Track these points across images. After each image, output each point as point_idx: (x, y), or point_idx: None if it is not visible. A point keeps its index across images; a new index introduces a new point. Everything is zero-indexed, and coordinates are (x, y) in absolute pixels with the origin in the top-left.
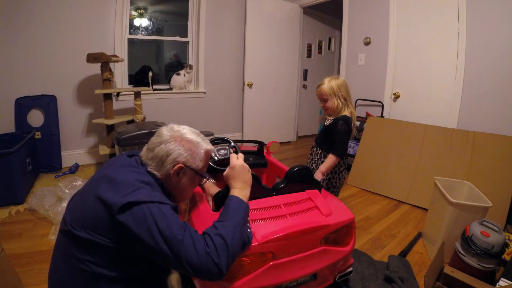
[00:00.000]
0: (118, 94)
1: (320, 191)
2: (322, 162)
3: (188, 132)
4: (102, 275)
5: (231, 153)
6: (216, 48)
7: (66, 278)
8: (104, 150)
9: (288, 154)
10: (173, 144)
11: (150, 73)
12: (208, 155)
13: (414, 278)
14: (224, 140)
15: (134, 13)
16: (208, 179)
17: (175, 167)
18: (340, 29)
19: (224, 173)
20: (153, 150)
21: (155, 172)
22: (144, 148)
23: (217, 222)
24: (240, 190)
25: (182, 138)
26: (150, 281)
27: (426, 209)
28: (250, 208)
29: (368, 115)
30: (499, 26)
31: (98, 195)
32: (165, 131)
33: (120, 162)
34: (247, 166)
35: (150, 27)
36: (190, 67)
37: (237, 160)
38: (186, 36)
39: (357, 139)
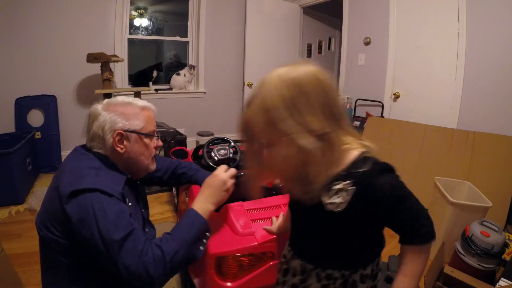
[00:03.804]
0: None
1: None
2: None
3: (118, 98)
4: (70, 269)
5: (230, 156)
6: (216, 48)
7: (45, 277)
8: None
9: None
10: (104, 115)
11: (155, 73)
12: (146, 112)
13: None
14: (224, 140)
15: (134, 13)
16: (158, 136)
17: (114, 136)
18: (340, 29)
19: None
20: (90, 130)
21: (101, 151)
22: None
23: (166, 234)
24: (203, 202)
25: (110, 105)
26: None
27: (426, 209)
28: (250, 208)
29: (368, 115)
30: (499, 26)
31: (54, 188)
32: (97, 107)
33: (72, 153)
34: (229, 182)
35: (150, 27)
36: (193, 67)
37: (223, 172)
38: (186, 36)
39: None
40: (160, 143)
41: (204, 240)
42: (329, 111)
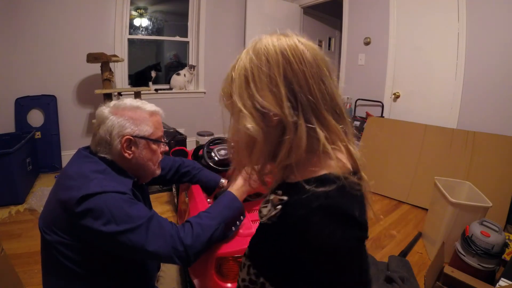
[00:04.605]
0: (120, 94)
1: None
2: None
3: (126, 102)
4: (75, 273)
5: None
6: (216, 48)
7: (48, 277)
8: None
9: None
10: (112, 119)
11: (153, 73)
12: (155, 117)
13: (414, 278)
14: (224, 140)
15: (134, 13)
16: (165, 142)
17: (123, 142)
18: (340, 29)
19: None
20: (96, 134)
21: (107, 156)
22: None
23: (204, 212)
24: (240, 187)
25: (118, 109)
26: (128, 279)
27: (426, 209)
28: (250, 208)
29: (368, 115)
30: (499, 26)
31: (57, 194)
32: (104, 110)
33: (76, 157)
34: None
35: (150, 27)
36: (193, 67)
37: None
38: (186, 36)
39: (357, 138)
40: (167, 148)
41: (237, 222)
42: (294, 94)
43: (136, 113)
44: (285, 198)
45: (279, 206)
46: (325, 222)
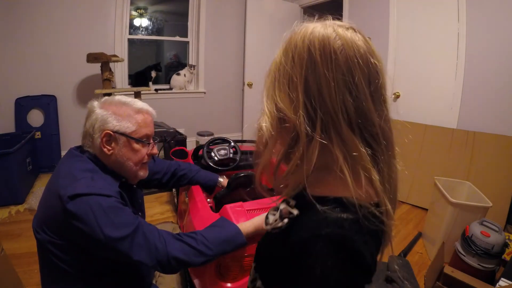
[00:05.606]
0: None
1: None
2: None
3: (116, 97)
4: (67, 273)
5: (230, 156)
6: (216, 48)
7: (44, 276)
8: None
9: None
10: (97, 112)
11: (153, 73)
12: (141, 115)
13: (414, 278)
14: (224, 140)
15: (134, 13)
16: (147, 143)
17: (102, 136)
18: None
19: None
20: (84, 127)
21: (90, 150)
22: None
23: (202, 236)
24: (249, 224)
25: (105, 103)
26: (124, 278)
27: (426, 209)
28: (250, 208)
29: None
30: (499, 26)
31: (47, 193)
32: (94, 103)
33: (66, 156)
34: None
35: (150, 27)
36: (193, 67)
37: None
38: (186, 36)
39: None
40: (155, 150)
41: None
42: (313, 102)
43: (120, 109)
44: (295, 212)
45: (286, 220)
46: (329, 253)
